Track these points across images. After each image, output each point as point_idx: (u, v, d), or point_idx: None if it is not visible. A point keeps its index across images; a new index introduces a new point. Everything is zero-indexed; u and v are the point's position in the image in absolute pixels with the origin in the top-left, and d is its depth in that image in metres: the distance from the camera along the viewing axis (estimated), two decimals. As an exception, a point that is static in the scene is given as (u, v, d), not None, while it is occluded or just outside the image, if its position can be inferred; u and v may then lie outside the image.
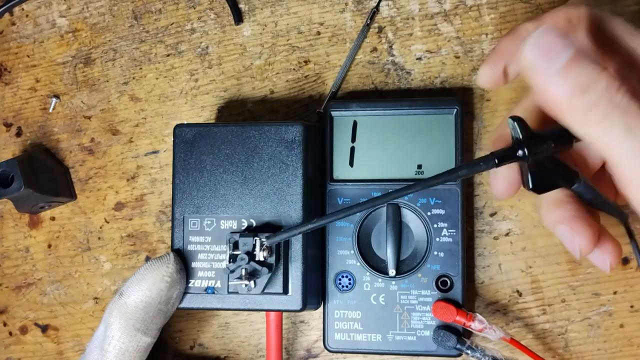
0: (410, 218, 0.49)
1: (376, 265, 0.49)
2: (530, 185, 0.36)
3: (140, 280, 0.46)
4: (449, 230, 0.48)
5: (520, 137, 0.35)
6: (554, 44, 0.32)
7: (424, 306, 0.48)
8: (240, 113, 0.55)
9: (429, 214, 0.48)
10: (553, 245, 0.50)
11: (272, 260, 0.45)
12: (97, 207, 0.56)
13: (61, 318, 0.57)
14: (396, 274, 0.48)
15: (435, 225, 0.48)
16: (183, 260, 0.48)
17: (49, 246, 0.57)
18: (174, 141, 0.49)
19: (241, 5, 0.55)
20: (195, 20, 0.56)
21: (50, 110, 0.58)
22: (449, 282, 0.48)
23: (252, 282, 0.45)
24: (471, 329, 0.46)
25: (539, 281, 0.50)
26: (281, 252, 0.46)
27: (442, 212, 0.48)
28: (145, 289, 0.46)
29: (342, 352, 0.50)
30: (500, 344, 0.49)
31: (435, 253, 0.48)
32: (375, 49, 0.53)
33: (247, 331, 0.54)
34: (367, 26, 0.53)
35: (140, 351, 0.47)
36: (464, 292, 0.48)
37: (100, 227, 0.56)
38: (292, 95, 0.54)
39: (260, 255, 0.45)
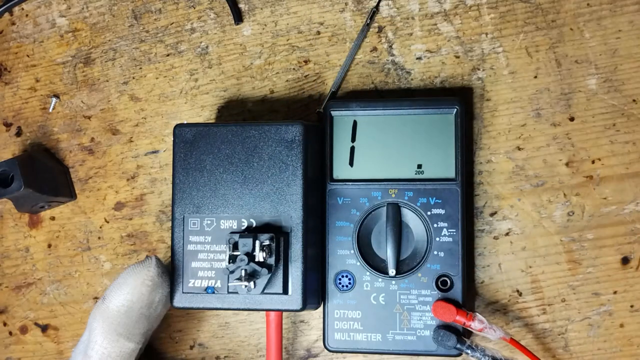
0: (410, 218, 0.49)
1: (376, 265, 0.49)
2: None
3: (122, 284, 0.46)
4: (449, 230, 0.48)
5: None
6: None
7: (424, 306, 0.48)
8: (240, 113, 0.55)
9: (429, 213, 0.48)
10: (553, 245, 0.50)
11: (271, 261, 0.45)
12: (97, 207, 0.56)
13: (61, 318, 0.57)
14: (396, 273, 0.48)
15: (435, 225, 0.48)
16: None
17: (49, 246, 0.57)
18: (173, 141, 0.49)
19: (241, 5, 0.55)
20: (195, 20, 0.56)
21: (50, 110, 0.58)
22: (449, 281, 0.48)
23: (251, 282, 0.45)
24: (471, 328, 0.46)
25: (539, 281, 0.50)
26: (281, 252, 0.46)
27: (442, 211, 0.48)
28: (127, 293, 0.45)
29: (342, 352, 0.50)
30: (500, 343, 0.49)
31: (435, 253, 0.48)
32: (375, 49, 0.53)
33: (247, 331, 0.54)
34: (367, 26, 0.53)
35: (123, 356, 0.46)
36: (464, 292, 0.48)
37: (100, 227, 0.56)
38: (292, 95, 0.54)
39: (259, 256, 0.45)
